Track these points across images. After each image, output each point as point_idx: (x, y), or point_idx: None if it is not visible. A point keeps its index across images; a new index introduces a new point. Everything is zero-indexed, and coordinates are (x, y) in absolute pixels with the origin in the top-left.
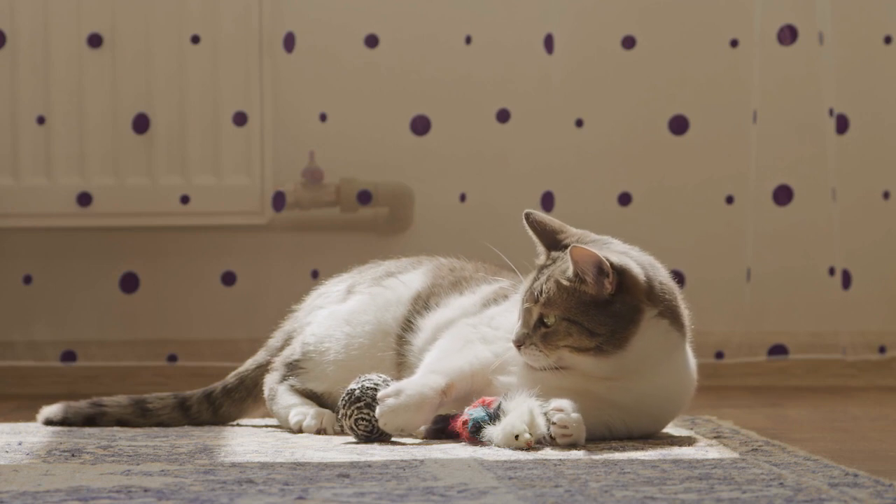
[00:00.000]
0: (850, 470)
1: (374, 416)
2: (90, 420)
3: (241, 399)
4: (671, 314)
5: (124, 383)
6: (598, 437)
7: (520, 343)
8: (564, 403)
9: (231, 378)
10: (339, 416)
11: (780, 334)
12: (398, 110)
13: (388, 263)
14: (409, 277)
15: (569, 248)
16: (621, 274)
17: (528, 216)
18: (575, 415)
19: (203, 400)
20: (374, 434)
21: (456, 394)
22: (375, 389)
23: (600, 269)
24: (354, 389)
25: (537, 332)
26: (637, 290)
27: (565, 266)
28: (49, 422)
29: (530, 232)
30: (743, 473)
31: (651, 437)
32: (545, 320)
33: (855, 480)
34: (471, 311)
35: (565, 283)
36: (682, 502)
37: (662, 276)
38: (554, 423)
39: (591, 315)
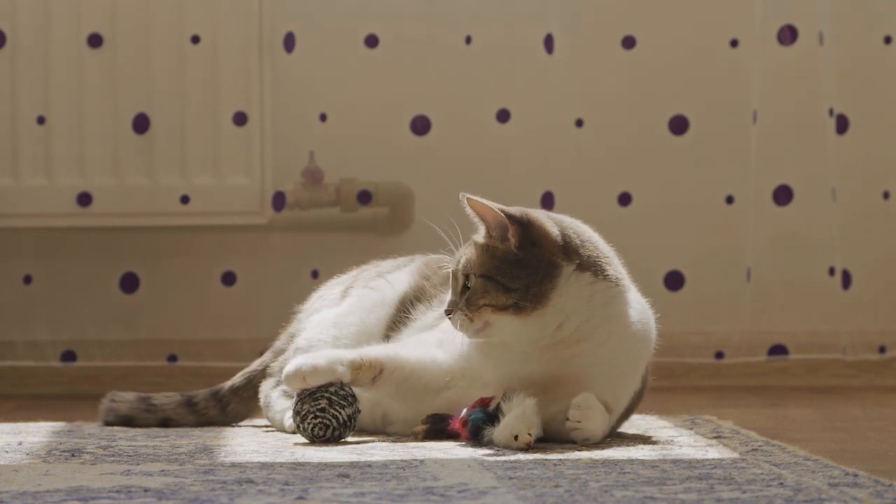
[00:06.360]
0: (850, 470)
1: (333, 412)
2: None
3: (249, 398)
4: (594, 267)
5: (124, 383)
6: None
7: (449, 311)
8: (582, 399)
9: (238, 378)
10: (297, 425)
11: (780, 334)
12: (398, 110)
13: (384, 264)
14: (396, 277)
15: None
16: (526, 226)
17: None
18: (595, 401)
19: (210, 398)
20: (334, 431)
21: (376, 373)
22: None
23: (500, 222)
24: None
25: (463, 297)
26: (548, 243)
27: (480, 228)
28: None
29: (470, 212)
30: (743, 473)
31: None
32: (467, 283)
33: (855, 480)
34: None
35: (480, 241)
36: (682, 502)
37: (589, 237)
38: (568, 420)
39: (504, 270)
